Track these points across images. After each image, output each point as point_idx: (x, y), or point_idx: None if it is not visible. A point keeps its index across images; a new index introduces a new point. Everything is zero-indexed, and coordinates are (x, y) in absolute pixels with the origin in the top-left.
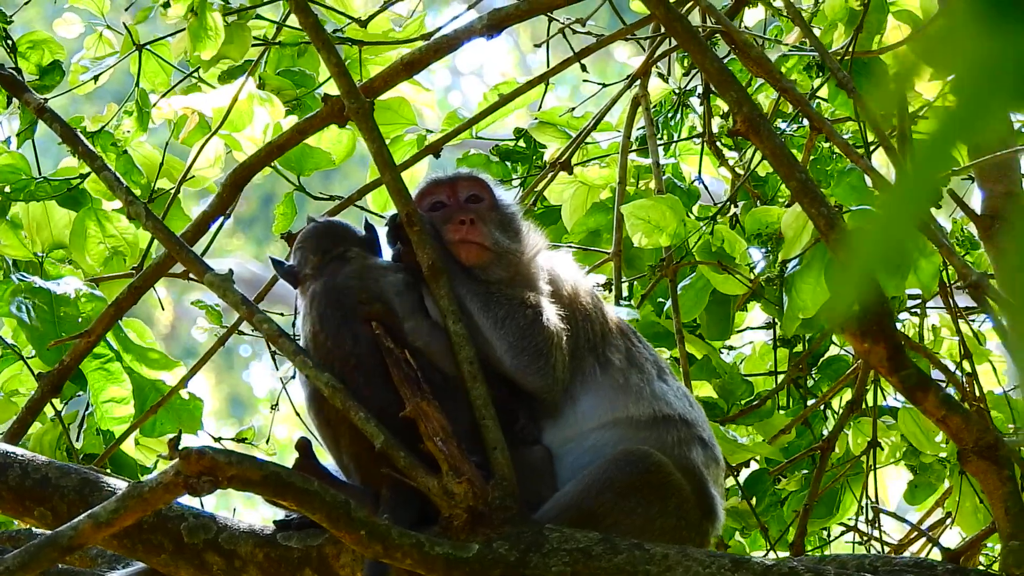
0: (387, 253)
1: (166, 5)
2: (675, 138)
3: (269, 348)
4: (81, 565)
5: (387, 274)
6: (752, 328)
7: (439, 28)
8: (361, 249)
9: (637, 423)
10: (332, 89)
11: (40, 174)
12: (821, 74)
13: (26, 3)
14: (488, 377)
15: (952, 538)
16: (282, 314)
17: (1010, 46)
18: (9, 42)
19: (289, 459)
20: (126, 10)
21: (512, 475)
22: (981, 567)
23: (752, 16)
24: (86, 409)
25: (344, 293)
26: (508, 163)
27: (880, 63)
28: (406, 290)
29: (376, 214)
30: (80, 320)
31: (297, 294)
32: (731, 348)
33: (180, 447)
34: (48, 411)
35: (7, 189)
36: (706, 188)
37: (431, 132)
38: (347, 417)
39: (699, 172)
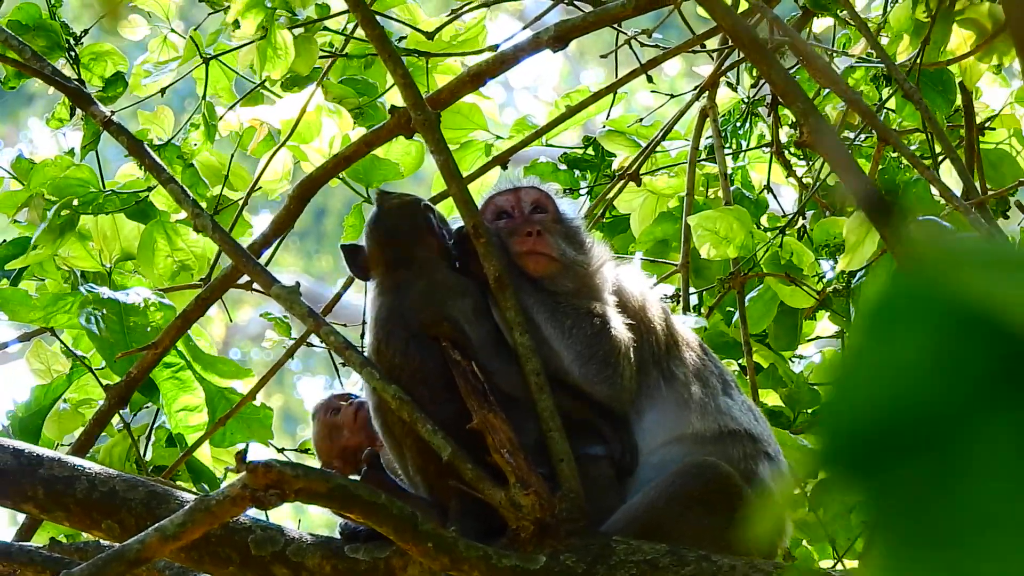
0: None
1: (236, 25)
2: (744, 147)
3: (332, 360)
4: None
5: (455, 298)
6: (823, 337)
7: (505, 40)
8: (430, 251)
9: (702, 438)
10: (394, 97)
11: (104, 186)
12: (888, 85)
13: (101, 18)
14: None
15: None
16: (345, 325)
17: None
18: (72, 54)
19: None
20: (195, 29)
21: (579, 487)
22: None
23: (821, 23)
24: (154, 421)
25: (410, 312)
26: (577, 171)
27: (948, 73)
28: (475, 319)
29: None
30: (149, 329)
31: (365, 287)
32: (801, 357)
33: (247, 460)
34: (116, 422)
35: (75, 202)
36: (775, 197)
37: (500, 138)
38: (414, 429)
39: (767, 182)
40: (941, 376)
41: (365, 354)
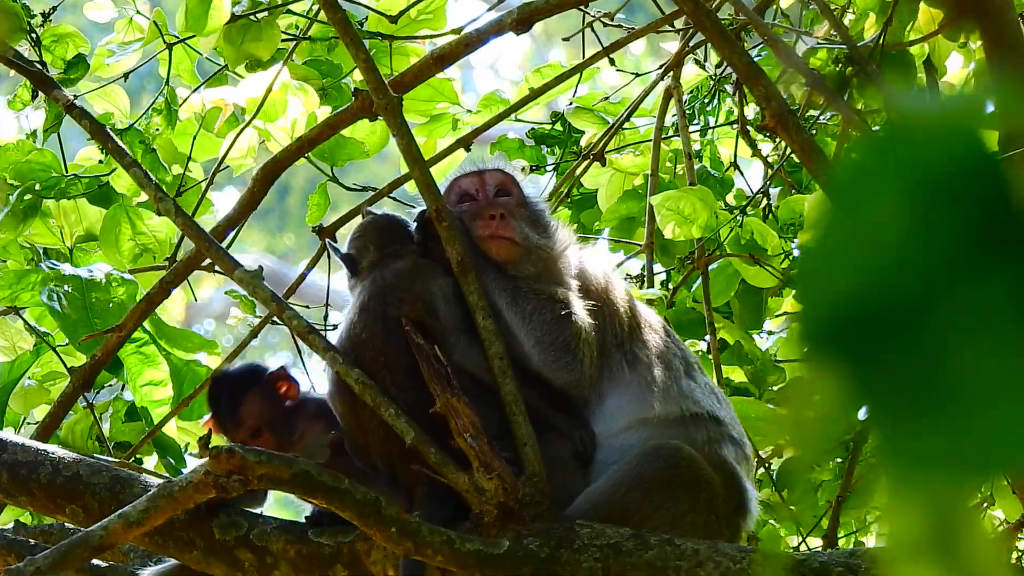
0: None
1: None
2: (711, 124)
3: (296, 344)
4: (113, 560)
5: (438, 277)
6: (790, 313)
7: (469, 22)
8: (416, 247)
9: (665, 422)
10: (359, 78)
11: (66, 169)
12: (851, 65)
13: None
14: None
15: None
16: (307, 306)
17: None
18: (33, 35)
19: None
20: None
21: (542, 471)
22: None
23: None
24: (118, 396)
25: (390, 289)
26: (544, 148)
27: (908, 55)
28: (454, 299)
29: (409, 204)
30: (112, 306)
31: (349, 285)
32: (770, 333)
33: (210, 446)
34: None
35: (38, 187)
36: (742, 174)
37: (469, 112)
38: (377, 414)
39: (734, 159)
40: (917, 243)
41: (336, 332)
